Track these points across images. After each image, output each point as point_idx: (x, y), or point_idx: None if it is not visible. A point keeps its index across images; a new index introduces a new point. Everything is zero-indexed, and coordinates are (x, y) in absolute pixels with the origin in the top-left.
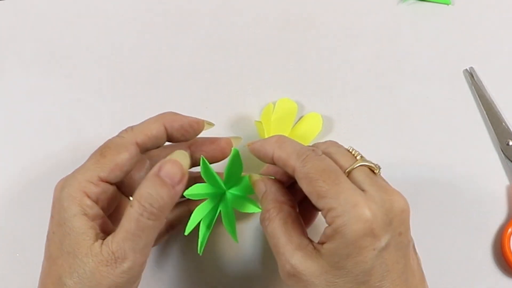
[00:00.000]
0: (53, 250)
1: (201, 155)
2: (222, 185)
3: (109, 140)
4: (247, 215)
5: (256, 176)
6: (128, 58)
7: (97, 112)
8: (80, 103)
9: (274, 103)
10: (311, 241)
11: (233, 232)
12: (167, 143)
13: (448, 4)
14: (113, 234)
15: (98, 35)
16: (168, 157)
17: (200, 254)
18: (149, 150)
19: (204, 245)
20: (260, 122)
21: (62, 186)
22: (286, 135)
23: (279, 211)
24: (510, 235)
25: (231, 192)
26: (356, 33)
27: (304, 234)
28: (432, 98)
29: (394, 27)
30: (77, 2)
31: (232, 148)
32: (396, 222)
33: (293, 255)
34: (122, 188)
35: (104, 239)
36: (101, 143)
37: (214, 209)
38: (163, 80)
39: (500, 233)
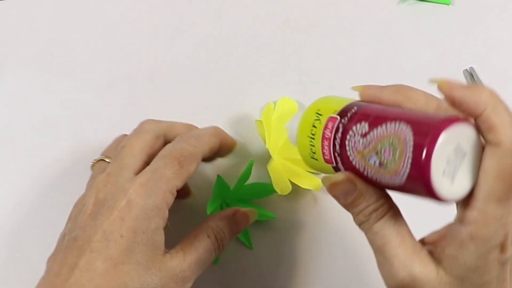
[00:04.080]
0: (116, 254)
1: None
2: (219, 193)
3: (184, 148)
4: (261, 223)
5: (337, 176)
6: (128, 58)
7: (97, 112)
8: (80, 103)
9: (275, 103)
10: (422, 244)
11: (247, 239)
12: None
13: (448, 4)
14: (182, 253)
15: (98, 35)
16: (246, 212)
17: (216, 263)
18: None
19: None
20: (260, 121)
21: (147, 194)
22: (286, 136)
23: (388, 206)
24: None
25: (231, 199)
26: (356, 33)
27: (413, 235)
28: None
29: (394, 27)
30: (77, 2)
31: (251, 159)
32: None
33: (409, 260)
34: None
35: (168, 253)
36: (100, 143)
37: None
38: (163, 80)
39: None
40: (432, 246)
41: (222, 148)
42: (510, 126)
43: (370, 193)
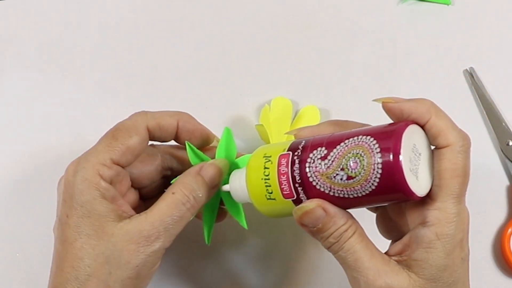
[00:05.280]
0: (68, 234)
1: (186, 141)
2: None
3: (121, 122)
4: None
5: (308, 204)
6: (128, 58)
7: (97, 112)
8: (80, 103)
9: (269, 103)
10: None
11: (240, 217)
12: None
13: (448, 4)
14: (145, 214)
15: (98, 35)
16: (212, 161)
17: (208, 244)
18: (154, 140)
19: (211, 234)
20: (261, 125)
21: (75, 170)
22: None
23: (356, 226)
24: (510, 235)
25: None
26: (356, 33)
27: (379, 249)
28: (432, 98)
29: (394, 27)
30: (77, 2)
31: (224, 127)
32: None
33: (382, 271)
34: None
35: (127, 218)
36: None
37: (215, 196)
38: (163, 80)
39: (500, 233)
40: (397, 257)
41: (184, 133)
42: (454, 128)
43: (338, 216)
